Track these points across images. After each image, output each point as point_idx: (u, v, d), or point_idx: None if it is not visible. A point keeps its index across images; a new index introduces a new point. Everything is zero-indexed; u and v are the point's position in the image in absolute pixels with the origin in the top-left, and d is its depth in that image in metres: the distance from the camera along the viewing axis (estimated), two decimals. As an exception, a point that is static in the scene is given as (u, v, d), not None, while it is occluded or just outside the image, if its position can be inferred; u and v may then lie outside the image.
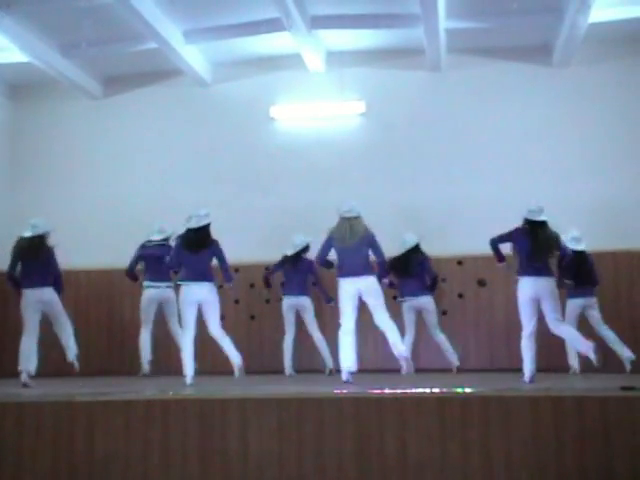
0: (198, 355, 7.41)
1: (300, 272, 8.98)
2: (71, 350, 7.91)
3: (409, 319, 8.84)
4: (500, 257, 7.25)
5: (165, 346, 9.05)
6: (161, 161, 10.76)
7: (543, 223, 7.07)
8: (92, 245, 10.30)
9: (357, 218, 7.21)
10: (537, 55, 10.08)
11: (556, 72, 10.04)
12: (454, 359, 8.80)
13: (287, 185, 10.38)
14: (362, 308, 7.14)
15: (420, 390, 5.49)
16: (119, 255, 9.29)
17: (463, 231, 9.58)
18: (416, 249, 8.87)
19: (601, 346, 7.65)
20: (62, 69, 10.14)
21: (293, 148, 10.50)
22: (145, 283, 8.91)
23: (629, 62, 9.89)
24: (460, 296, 9.63)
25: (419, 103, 10.35)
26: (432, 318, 8.82)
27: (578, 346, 7.03)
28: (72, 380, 8.08)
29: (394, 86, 10.40)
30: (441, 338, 8.83)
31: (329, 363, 8.80)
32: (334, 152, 10.35)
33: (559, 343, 7.94)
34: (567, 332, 7.00)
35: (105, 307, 10.18)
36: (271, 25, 9.33)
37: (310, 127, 10.61)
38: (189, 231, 7.41)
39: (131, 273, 9.02)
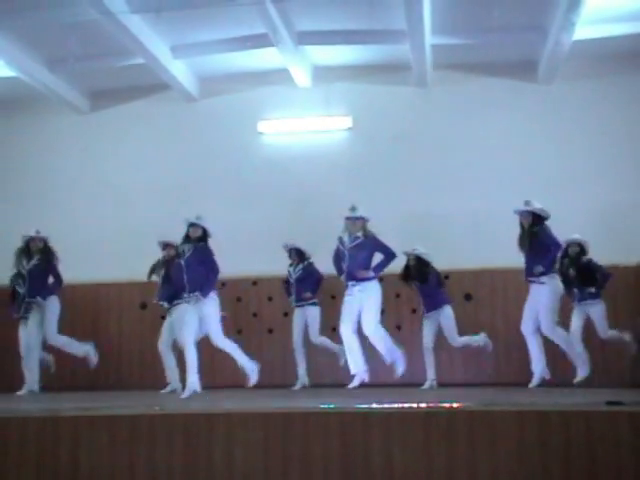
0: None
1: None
2: None
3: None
4: None
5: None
6: (148, 176, 10.75)
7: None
8: (78, 260, 10.23)
9: (357, 219, 7.11)
10: (522, 71, 10.18)
11: (540, 88, 10.14)
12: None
13: (274, 199, 10.39)
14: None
15: (406, 405, 5.49)
16: (105, 270, 9.26)
17: (449, 245, 9.61)
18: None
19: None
20: (49, 84, 10.14)
21: (280, 162, 10.53)
22: None
23: (612, 79, 10.01)
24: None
25: (405, 118, 10.41)
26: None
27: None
28: (57, 395, 8.02)
29: (380, 101, 10.46)
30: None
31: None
32: (321, 166, 10.39)
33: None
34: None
35: (90, 321, 10.12)
36: (258, 40, 9.39)
37: (297, 142, 10.65)
38: None
39: None
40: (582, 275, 8.32)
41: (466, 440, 5.09)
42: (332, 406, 5.66)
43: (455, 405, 5.43)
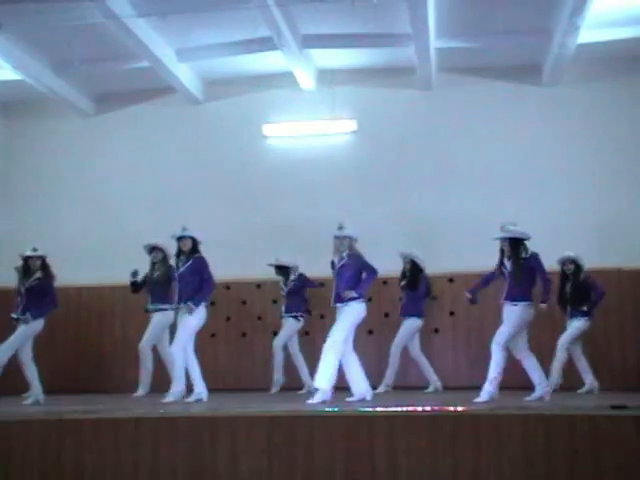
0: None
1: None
2: None
3: None
4: None
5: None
6: (153, 178, 10.76)
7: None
8: (83, 262, 10.27)
9: (344, 238, 7.02)
10: (526, 74, 10.17)
11: (545, 91, 10.12)
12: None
13: (279, 202, 10.39)
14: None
15: (411, 408, 5.48)
16: (110, 272, 9.28)
17: (454, 248, 9.61)
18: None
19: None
20: (55, 87, 10.17)
21: (285, 165, 10.53)
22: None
23: (617, 82, 9.98)
24: (451, 314, 9.65)
25: (410, 121, 10.40)
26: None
27: None
28: (61, 397, 8.03)
29: (385, 104, 10.46)
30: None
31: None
32: (326, 170, 10.39)
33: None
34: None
35: (95, 323, 10.14)
36: (263, 44, 9.40)
37: (302, 145, 10.65)
38: None
39: None
40: (578, 293, 8.28)
41: (471, 444, 5.08)
42: (337, 409, 5.66)
43: (460, 409, 5.42)
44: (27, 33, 9.00)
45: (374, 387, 8.03)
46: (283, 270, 9.07)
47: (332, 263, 7.15)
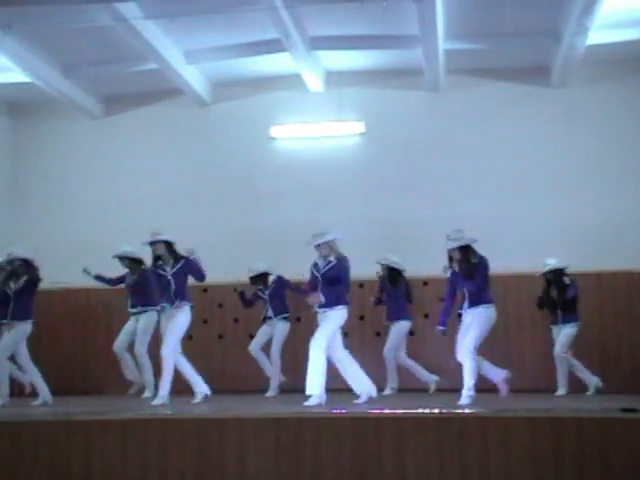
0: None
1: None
2: None
3: None
4: None
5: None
6: (160, 180, 10.78)
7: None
8: (92, 263, 10.25)
9: (320, 246, 6.99)
10: (535, 76, 10.14)
11: (554, 93, 10.09)
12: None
13: (286, 204, 10.39)
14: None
15: (419, 410, 5.47)
16: (118, 272, 9.26)
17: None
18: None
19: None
20: (63, 89, 10.20)
21: (293, 167, 10.53)
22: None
23: (626, 83, 9.95)
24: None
25: (418, 123, 10.39)
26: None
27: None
28: (69, 399, 8.04)
29: (393, 106, 10.45)
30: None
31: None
32: (333, 171, 10.38)
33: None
34: None
35: (103, 324, 10.13)
36: (271, 46, 9.41)
37: (309, 147, 10.65)
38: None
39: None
40: (565, 299, 8.22)
41: (478, 446, 5.07)
42: (344, 411, 5.65)
43: (467, 411, 5.41)
44: (36, 35, 9.04)
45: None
46: (261, 277, 8.95)
47: (315, 265, 7.07)
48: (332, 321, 6.85)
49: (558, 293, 8.27)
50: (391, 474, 5.11)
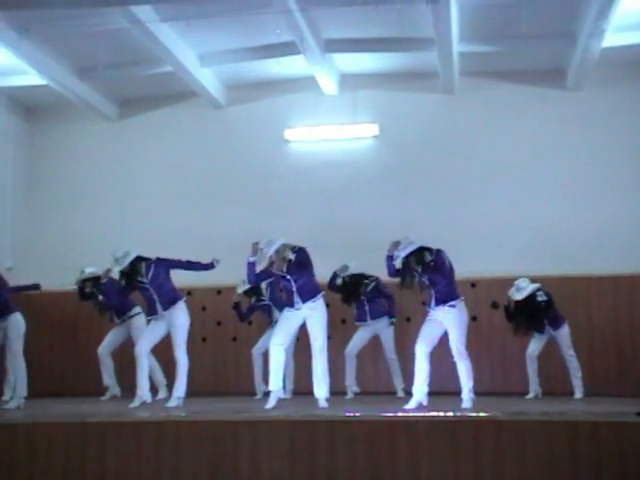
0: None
1: None
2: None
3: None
4: None
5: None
6: (175, 182, 10.82)
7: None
8: (107, 264, 10.30)
9: (278, 252, 6.84)
10: (550, 78, 10.09)
11: (569, 95, 10.04)
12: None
13: (301, 207, 10.39)
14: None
15: (433, 414, 5.46)
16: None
17: (476, 253, 9.54)
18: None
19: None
20: (79, 92, 10.26)
21: (307, 170, 10.54)
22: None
23: (642, 86, 9.89)
24: (474, 319, 9.56)
25: (432, 126, 10.37)
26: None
27: None
28: (83, 400, 8.08)
29: (407, 109, 10.43)
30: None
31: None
32: (348, 174, 10.38)
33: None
34: None
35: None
36: (285, 48, 9.42)
37: (324, 149, 10.64)
38: None
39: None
40: (542, 312, 8.15)
41: (493, 450, 5.04)
42: (358, 414, 5.64)
43: (482, 414, 5.39)
44: (52, 38, 9.10)
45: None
46: (253, 289, 8.87)
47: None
48: (322, 315, 6.76)
49: (539, 312, 8.15)
50: (405, 477, 5.09)
